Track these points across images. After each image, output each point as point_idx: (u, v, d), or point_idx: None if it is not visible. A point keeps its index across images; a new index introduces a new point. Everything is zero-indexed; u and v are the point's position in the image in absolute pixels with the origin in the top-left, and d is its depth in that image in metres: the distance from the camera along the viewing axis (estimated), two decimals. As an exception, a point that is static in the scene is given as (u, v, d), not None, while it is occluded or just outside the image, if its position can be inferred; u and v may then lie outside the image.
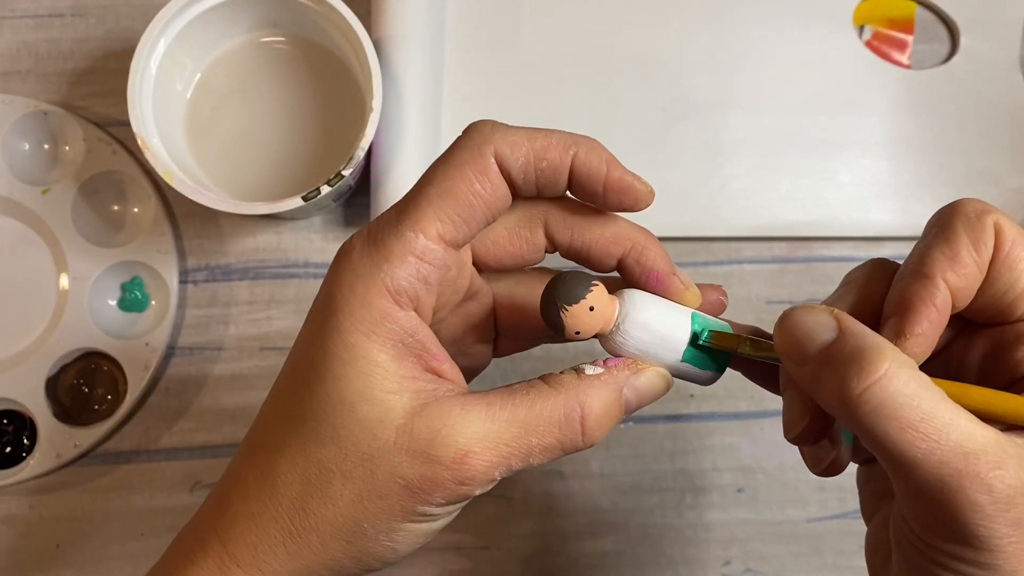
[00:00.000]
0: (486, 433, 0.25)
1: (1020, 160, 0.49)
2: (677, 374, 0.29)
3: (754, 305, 0.48)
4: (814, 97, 0.49)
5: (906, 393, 0.22)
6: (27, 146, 0.47)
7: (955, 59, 0.50)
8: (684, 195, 0.48)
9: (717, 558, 0.46)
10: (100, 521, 0.45)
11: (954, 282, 0.25)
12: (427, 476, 0.25)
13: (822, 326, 0.24)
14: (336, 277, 0.27)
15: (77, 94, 0.48)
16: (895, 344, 0.25)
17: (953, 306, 0.26)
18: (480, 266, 0.30)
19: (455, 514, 0.28)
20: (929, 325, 0.25)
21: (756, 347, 0.27)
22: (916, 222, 0.48)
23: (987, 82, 0.49)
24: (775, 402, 0.28)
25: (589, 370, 0.27)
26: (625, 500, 0.46)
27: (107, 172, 0.46)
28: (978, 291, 0.26)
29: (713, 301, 0.30)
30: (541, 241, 0.29)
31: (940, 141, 0.49)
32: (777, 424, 0.39)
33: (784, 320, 0.25)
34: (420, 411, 0.26)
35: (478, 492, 0.26)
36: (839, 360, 0.23)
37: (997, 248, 0.25)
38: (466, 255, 0.29)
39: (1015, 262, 0.25)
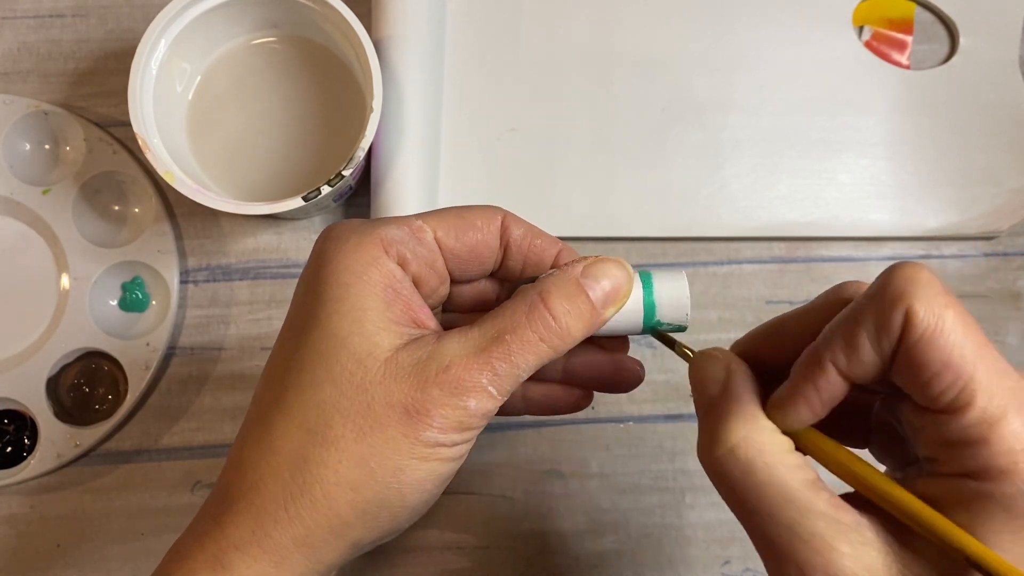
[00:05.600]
0: (462, 347, 0.27)
1: (1020, 160, 0.49)
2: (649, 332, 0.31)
3: (754, 305, 0.48)
4: (814, 98, 0.49)
5: (746, 468, 0.25)
6: (28, 146, 0.47)
7: (954, 59, 0.50)
8: (684, 195, 0.48)
9: (716, 558, 0.46)
10: (100, 521, 0.46)
11: (846, 369, 0.25)
12: (419, 396, 0.26)
13: (713, 381, 0.27)
14: (330, 236, 0.29)
15: (78, 94, 0.48)
16: (777, 410, 0.26)
17: (853, 383, 0.26)
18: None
19: (462, 459, 0.28)
20: (806, 405, 0.26)
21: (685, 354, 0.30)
22: (915, 222, 0.48)
23: (986, 82, 0.49)
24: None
25: (543, 275, 0.30)
26: (625, 500, 0.46)
27: (108, 172, 0.46)
28: (884, 372, 0.25)
29: (631, 369, 0.33)
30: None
31: (939, 141, 0.49)
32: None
33: (691, 363, 0.29)
34: (403, 347, 0.27)
35: (474, 407, 0.27)
36: (713, 417, 0.26)
37: (903, 339, 0.24)
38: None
39: (916, 356, 0.24)
